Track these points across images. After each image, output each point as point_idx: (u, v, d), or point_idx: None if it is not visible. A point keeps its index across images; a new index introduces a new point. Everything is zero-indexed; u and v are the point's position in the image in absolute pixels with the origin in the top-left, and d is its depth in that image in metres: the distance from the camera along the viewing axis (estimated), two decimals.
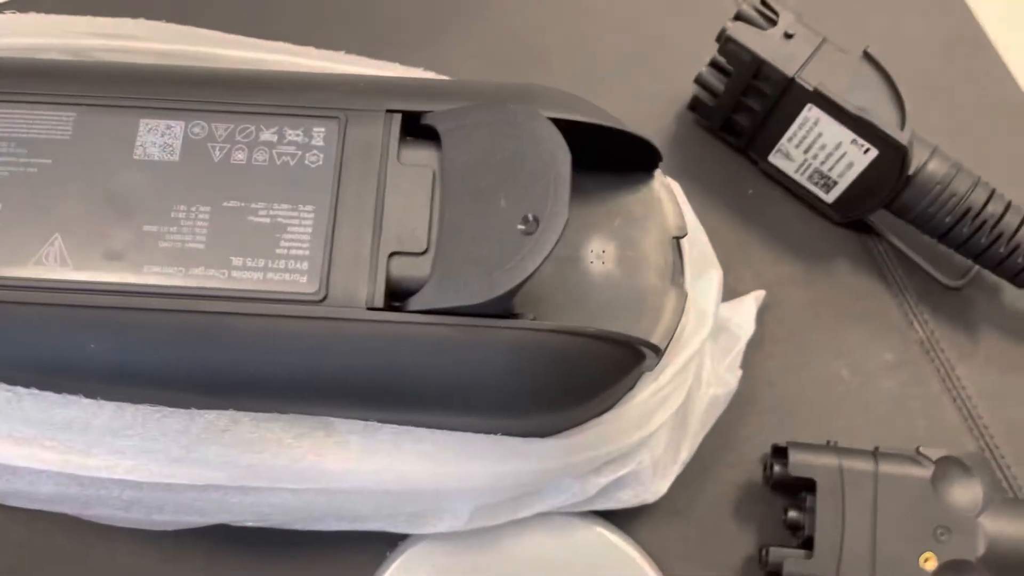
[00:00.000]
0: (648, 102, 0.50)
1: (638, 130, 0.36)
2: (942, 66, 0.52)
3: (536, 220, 0.31)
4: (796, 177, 0.47)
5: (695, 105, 0.49)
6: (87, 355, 0.32)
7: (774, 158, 0.47)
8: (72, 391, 0.33)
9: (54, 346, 0.32)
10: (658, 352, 0.34)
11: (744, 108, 0.47)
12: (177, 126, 0.34)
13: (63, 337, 0.32)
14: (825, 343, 0.46)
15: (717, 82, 0.47)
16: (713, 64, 0.47)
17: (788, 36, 0.44)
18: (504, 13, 0.53)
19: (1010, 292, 0.47)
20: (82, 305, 0.32)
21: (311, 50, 0.41)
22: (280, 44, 0.40)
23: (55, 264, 0.32)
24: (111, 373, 0.32)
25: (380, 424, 0.35)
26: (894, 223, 0.47)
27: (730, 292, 0.43)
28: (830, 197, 0.47)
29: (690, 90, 0.48)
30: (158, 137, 0.34)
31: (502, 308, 0.32)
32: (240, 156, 0.33)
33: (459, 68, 0.45)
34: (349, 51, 0.42)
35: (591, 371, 0.33)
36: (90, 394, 0.33)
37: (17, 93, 0.34)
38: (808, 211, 0.48)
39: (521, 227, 0.31)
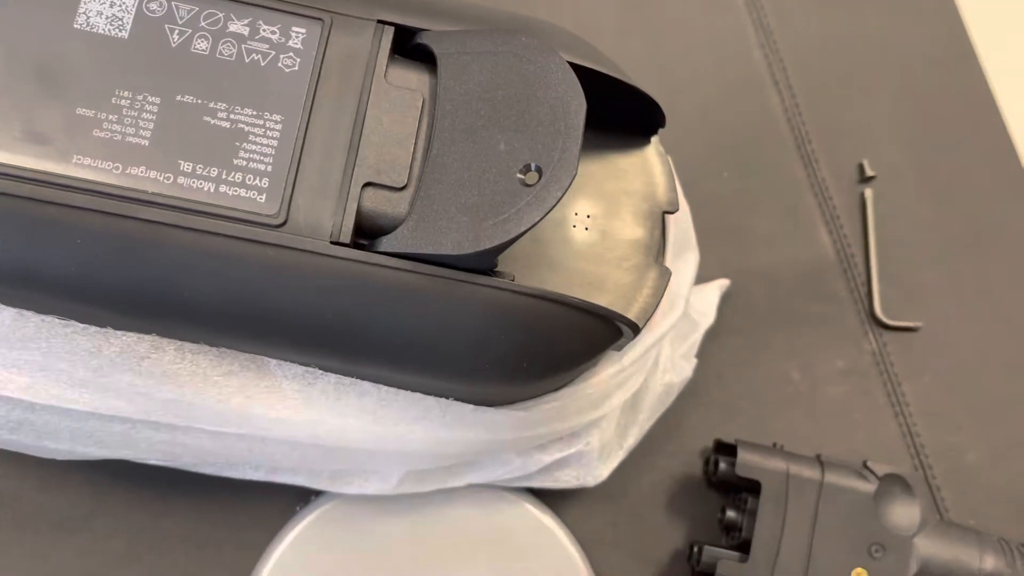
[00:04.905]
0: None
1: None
2: None
3: (539, 170, 0.27)
4: None
5: None
6: None
7: None
8: None
9: None
10: (636, 331, 0.32)
11: None
12: None
13: None
14: (779, 342, 0.45)
15: None
16: None
17: None
18: None
19: (967, 325, 0.46)
20: None
21: None
22: None
23: None
24: (17, 274, 0.27)
25: (321, 372, 0.31)
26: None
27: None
28: None
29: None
30: (106, 7, 0.28)
31: (483, 263, 0.28)
32: (202, 45, 0.29)
33: None
34: None
35: (567, 344, 0.30)
36: None
37: None
38: (782, 204, 0.47)
39: (520, 176, 0.28)
